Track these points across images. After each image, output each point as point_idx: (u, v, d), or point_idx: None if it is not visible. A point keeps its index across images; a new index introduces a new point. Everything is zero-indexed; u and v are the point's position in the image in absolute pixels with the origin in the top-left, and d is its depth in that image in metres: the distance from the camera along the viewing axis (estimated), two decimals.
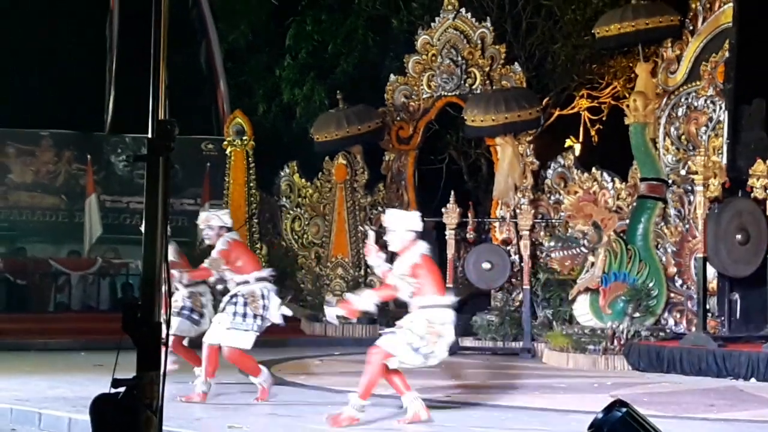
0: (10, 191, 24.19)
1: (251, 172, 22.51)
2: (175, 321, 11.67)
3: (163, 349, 4.18)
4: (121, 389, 4.13)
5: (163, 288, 4.22)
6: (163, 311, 4.23)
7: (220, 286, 11.61)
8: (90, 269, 21.94)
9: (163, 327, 4.23)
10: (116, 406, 4.13)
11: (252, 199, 22.48)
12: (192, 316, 12.10)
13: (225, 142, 22.68)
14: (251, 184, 22.53)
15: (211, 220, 11.61)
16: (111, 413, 4.16)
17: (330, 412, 9.55)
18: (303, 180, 22.32)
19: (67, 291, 21.86)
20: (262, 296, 10.95)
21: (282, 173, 22.66)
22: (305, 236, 22.20)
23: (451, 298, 9.69)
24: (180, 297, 12.06)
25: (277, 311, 11.03)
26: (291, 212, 22.44)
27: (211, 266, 11.40)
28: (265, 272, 11.38)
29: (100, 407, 4.21)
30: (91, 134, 24.20)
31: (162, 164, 4.27)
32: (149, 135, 4.32)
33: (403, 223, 9.80)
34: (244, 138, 22.52)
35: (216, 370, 11.07)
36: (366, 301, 9.68)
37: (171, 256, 11.74)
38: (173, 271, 11.35)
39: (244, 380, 11.77)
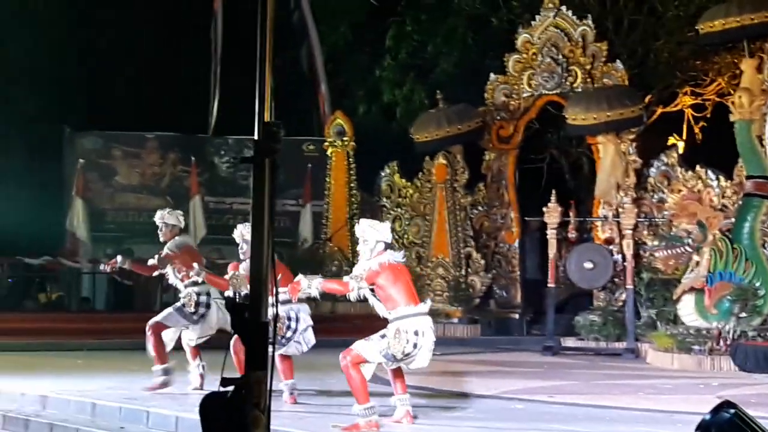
0: (116, 193, 24.65)
1: (352, 172, 22.65)
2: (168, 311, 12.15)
3: (270, 349, 4.23)
4: (230, 388, 4.18)
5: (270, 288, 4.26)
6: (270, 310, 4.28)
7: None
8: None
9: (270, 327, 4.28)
10: (225, 405, 4.19)
11: (353, 199, 22.61)
12: (184, 311, 12.07)
13: (326, 143, 22.84)
14: (352, 185, 22.66)
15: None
16: (220, 412, 4.22)
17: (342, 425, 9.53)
18: (403, 180, 22.34)
19: (171, 291, 22.16)
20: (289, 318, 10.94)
21: (382, 173, 22.72)
22: (406, 236, 22.23)
23: (424, 306, 9.57)
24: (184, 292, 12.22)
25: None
26: (391, 212, 22.49)
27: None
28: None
29: (209, 406, 4.27)
30: (195, 136, 24.55)
31: (268, 166, 4.31)
32: (254, 137, 4.37)
33: (374, 234, 9.77)
34: (345, 139, 22.66)
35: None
36: (312, 286, 9.75)
37: (173, 248, 12.28)
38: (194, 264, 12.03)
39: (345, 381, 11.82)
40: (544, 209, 18.33)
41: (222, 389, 4.21)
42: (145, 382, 12.05)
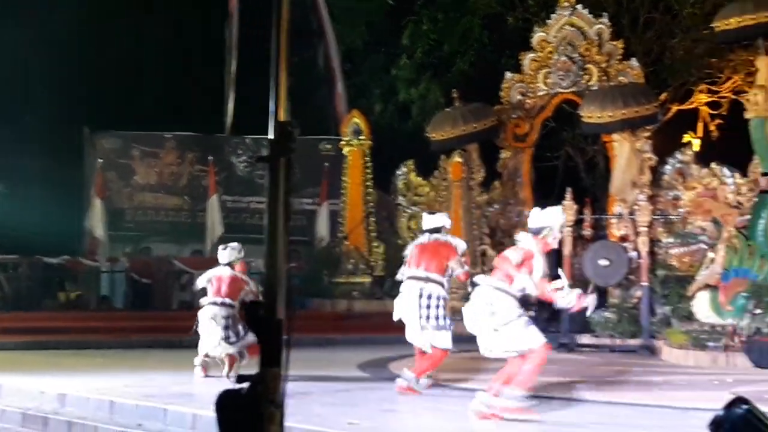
0: (135, 192, 24.79)
1: (368, 171, 22.73)
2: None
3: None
4: (246, 385, 4.26)
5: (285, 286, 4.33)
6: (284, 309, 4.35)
7: None
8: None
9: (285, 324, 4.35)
10: (241, 402, 4.27)
11: (369, 198, 22.69)
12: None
13: (342, 142, 22.92)
14: (368, 183, 22.74)
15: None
16: (235, 409, 4.29)
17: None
18: (419, 178, 22.40)
19: (189, 290, 22.32)
20: None
21: (398, 172, 22.78)
22: None
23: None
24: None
25: None
26: (408, 210, 22.54)
27: None
28: None
29: (225, 403, 4.35)
30: (213, 136, 24.66)
31: (283, 165, 4.39)
32: (270, 136, 4.44)
33: (558, 219, 10.34)
34: (361, 137, 22.74)
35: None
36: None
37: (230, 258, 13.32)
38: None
39: (362, 376, 11.92)
40: (559, 207, 18.35)
41: (237, 386, 4.29)
42: (163, 379, 12.16)
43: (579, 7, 19.98)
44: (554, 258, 20.10)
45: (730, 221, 16.79)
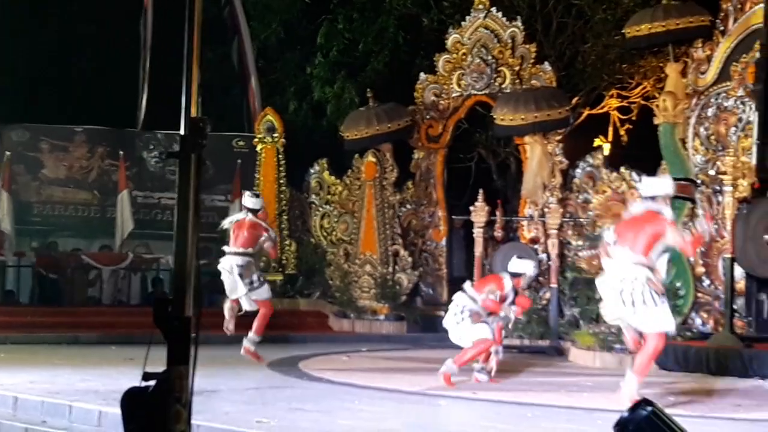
0: (43, 186, 24.36)
1: (281, 169, 22.64)
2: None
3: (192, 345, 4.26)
4: (152, 383, 4.21)
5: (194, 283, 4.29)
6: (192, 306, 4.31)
7: None
8: (121, 264, 22.11)
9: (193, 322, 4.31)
10: (146, 400, 4.22)
11: (282, 195, 22.60)
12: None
13: (256, 139, 22.80)
14: (281, 181, 22.65)
15: None
16: (141, 406, 4.24)
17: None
18: (333, 177, 22.40)
19: (98, 285, 22.04)
20: None
21: (312, 170, 22.76)
22: (334, 233, 22.28)
23: None
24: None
25: None
26: (320, 209, 22.53)
27: None
28: None
29: (131, 400, 4.29)
30: (124, 131, 24.35)
31: (194, 161, 4.35)
32: (182, 132, 4.40)
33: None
34: (275, 135, 22.64)
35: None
36: None
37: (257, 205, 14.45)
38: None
39: (272, 375, 11.87)
40: (471, 208, 18.49)
41: (144, 384, 4.23)
42: (69, 376, 11.99)
43: (493, 10, 20.13)
44: (465, 258, 20.34)
45: None
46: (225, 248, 14.32)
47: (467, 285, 13.07)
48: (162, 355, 4.20)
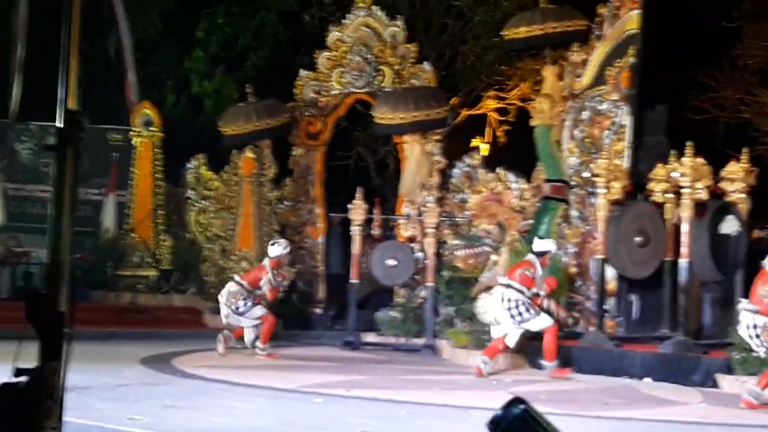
0: None
1: (158, 163, 22.37)
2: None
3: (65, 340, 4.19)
4: (23, 379, 4.13)
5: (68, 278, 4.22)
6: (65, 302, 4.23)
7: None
8: None
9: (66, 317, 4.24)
10: (18, 396, 4.13)
11: (158, 190, 22.33)
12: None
13: (132, 133, 22.49)
14: (158, 176, 22.38)
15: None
16: (12, 402, 4.15)
17: None
18: (210, 173, 22.17)
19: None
20: None
21: (189, 165, 22.48)
22: (210, 229, 22.09)
23: None
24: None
25: None
26: (197, 204, 22.29)
27: None
28: None
29: (2, 396, 4.20)
30: None
31: (71, 154, 4.28)
32: (58, 124, 4.32)
33: None
34: (152, 129, 22.37)
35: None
36: None
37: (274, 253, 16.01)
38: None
39: (145, 371, 11.72)
40: (349, 206, 18.54)
41: (15, 379, 4.15)
42: None
43: (375, 8, 20.18)
44: (342, 256, 20.36)
45: (513, 225, 17.26)
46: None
47: (506, 280, 14.02)
48: (30, 351, 4.12)
